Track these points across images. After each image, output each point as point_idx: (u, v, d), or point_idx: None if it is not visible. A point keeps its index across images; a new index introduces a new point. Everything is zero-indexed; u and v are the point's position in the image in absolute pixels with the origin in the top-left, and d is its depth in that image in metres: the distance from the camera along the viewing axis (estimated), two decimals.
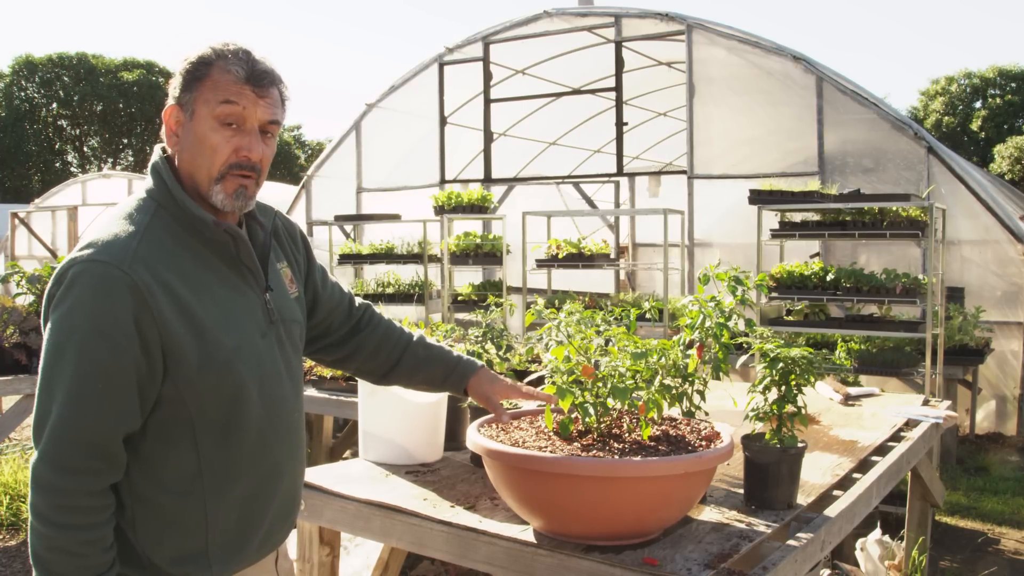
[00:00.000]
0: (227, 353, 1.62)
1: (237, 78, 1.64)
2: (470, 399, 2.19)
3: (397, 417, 2.64)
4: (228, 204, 1.67)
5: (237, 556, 1.71)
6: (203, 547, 1.65)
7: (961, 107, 36.34)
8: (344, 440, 5.77)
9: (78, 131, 40.71)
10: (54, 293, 1.55)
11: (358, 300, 2.15)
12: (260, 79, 1.66)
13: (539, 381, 2.20)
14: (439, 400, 2.69)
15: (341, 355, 2.11)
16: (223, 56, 1.65)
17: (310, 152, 42.91)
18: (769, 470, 2.21)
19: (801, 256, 7.03)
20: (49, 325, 1.54)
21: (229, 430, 1.65)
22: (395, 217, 8.95)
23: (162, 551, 1.62)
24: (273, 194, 12.58)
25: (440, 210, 8.36)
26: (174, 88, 1.68)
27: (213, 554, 1.66)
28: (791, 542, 2.02)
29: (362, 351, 2.10)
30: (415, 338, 2.15)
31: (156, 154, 1.71)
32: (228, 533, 1.69)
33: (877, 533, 3.86)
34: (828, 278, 5.95)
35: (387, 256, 8.60)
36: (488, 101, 9.28)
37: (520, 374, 3.48)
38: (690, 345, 2.32)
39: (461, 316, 8.49)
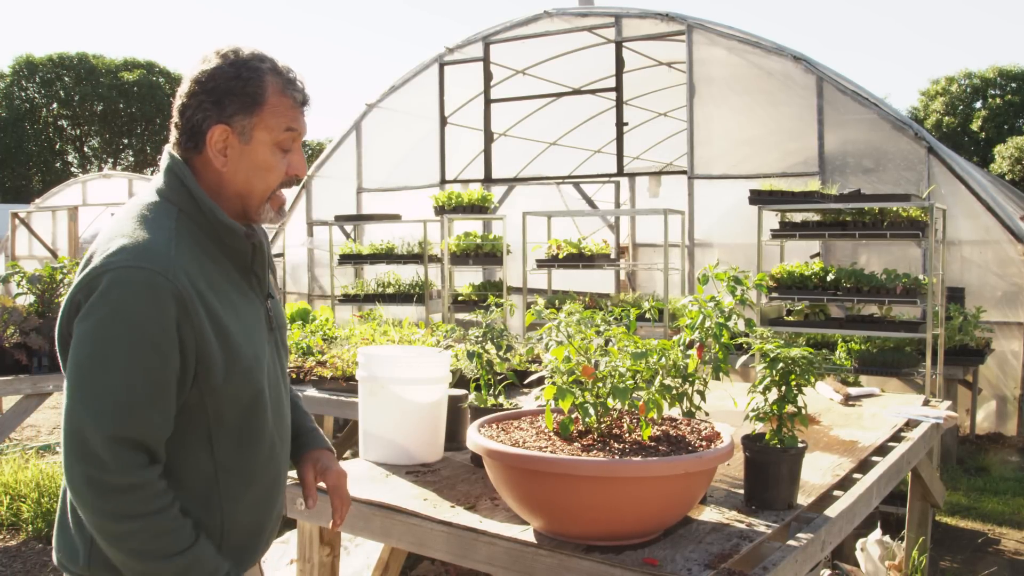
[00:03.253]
0: (248, 362, 1.62)
1: (295, 103, 1.66)
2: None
3: (397, 417, 2.64)
4: (276, 219, 1.72)
5: (247, 559, 1.73)
6: (215, 547, 1.64)
7: (961, 107, 36.32)
8: (344, 440, 5.76)
9: (78, 131, 40.70)
10: (84, 299, 1.50)
11: None
12: (308, 101, 1.70)
13: (539, 381, 2.20)
14: (439, 400, 2.69)
15: None
16: (276, 73, 1.64)
17: (310, 152, 42.85)
18: (769, 470, 2.21)
19: (801, 256, 7.03)
20: (85, 332, 1.48)
21: (243, 438, 1.66)
22: (395, 217, 8.95)
23: None
24: None
25: (440, 210, 8.36)
26: (218, 105, 1.61)
27: (226, 557, 1.66)
28: (791, 542, 2.02)
29: None
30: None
31: (170, 157, 1.67)
32: (240, 537, 1.69)
33: (877, 533, 3.86)
34: (828, 278, 5.95)
35: (387, 256, 8.60)
36: (488, 101, 9.28)
37: (520, 374, 3.49)
38: (690, 345, 2.32)
39: (461, 316, 8.49)
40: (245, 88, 1.61)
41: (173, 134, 1.67)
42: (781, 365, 2.21)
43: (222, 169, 1.65)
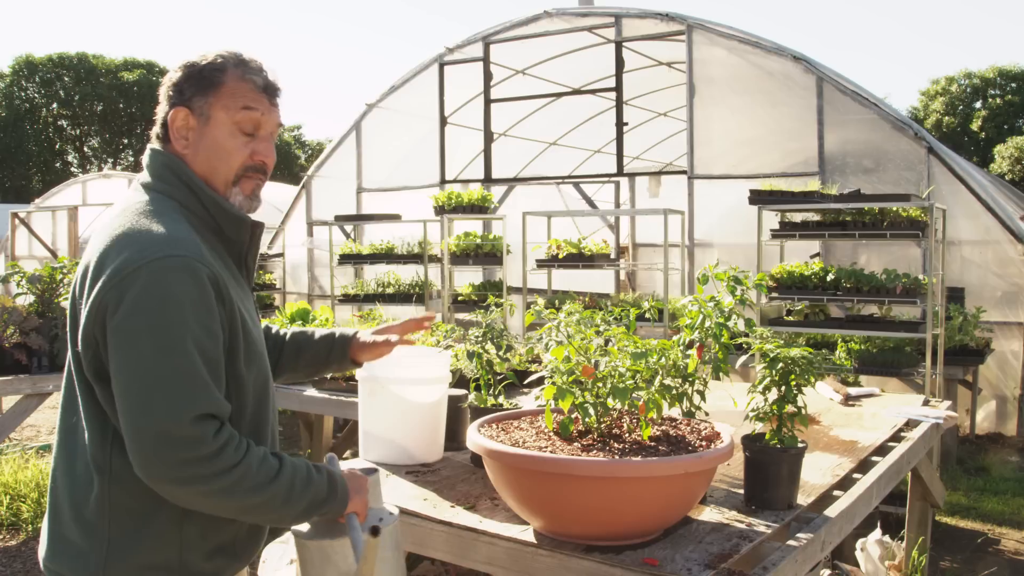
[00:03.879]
0: (259, 348, 1.68)
1: (256, 87, 1.70)
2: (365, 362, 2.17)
3: (397, 417, 2.64)
4: (247, 205, 1.73)
5: (255, 548, 1.76)
6: (232, 539, 1.68)
7: (961, 107, 36.33)
8: (344, 440, 5.76)
9: (78, 131, 40.70)
10: (118, 297, 1.48)
11: None
12: (274, 90, 1.74)
13: (539, 381, 2.20)
14: (439, 400, 2.69)
15: None
16: (239, 63, 1.69)
17: (310, 152, 42.88)
18: (769, 470, 2.21)
19: (801, 256, 7.03)
20: (136, 329, 1.47)
21: (255, 427, 1.69)
22: (395, 217, 8.95)
23: (204, 544, 1.62)
24: (273, 194, 12.57)
25: (440, 210, 8.36)
26: (179, 91, 1.68)
27: (239, 544, 1.70)
28: (791, 542, 2.02)
29: None
30: (291, 331, 2.14)
31: (159, 154, 1.69)
32: (245, 532, 1.72)
33: (877, 533, 3.86)
34: (828, 278, 5.95)
35: (387, 256, 8.60)
36: (488, 101, 9.27)
37: (520, 374, 3.48)
38: (690, 345, 2.32)
39: (461, 316, 8.49)
40: (202, 73, 1.68)
41: (153, 133, 1.74)
42: (781, 365, 2.21)
43: (183, 152, 1.69)
